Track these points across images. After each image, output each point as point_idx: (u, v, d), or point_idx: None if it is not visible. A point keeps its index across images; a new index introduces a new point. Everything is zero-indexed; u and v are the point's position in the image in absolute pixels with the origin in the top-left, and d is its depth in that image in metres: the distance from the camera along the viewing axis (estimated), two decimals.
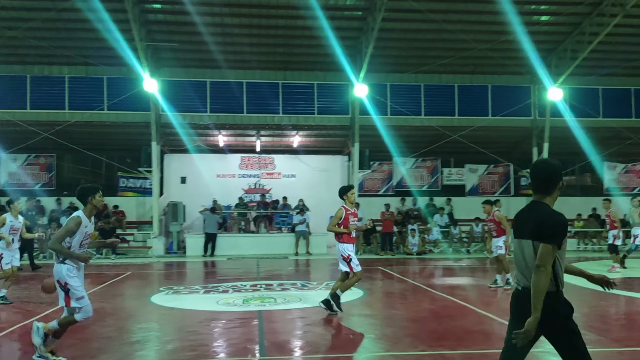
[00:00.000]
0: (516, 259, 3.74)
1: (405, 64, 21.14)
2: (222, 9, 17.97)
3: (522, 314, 3.53)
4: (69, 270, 5.81)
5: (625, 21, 17.91)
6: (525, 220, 3.67)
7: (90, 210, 6.06)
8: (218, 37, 19.37)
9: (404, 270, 15.23)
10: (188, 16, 18.23)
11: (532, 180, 3.73)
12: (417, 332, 7.45)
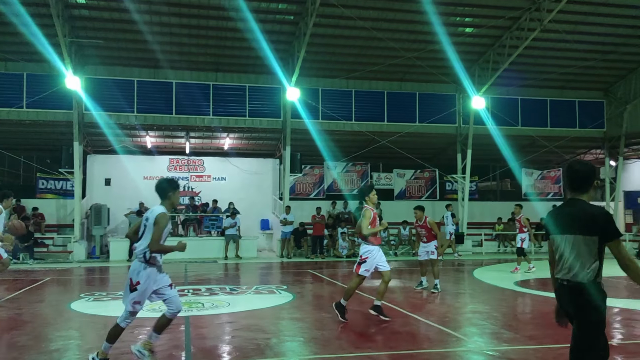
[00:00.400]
0: (557, 253, 3.94)
1: (337, 70, 21.43)
2: (151, 7, 17.52)
3: (571, 305, 3.84)
4: (152, 272, 5.63)
5: (543, 35, 19.00)
6: (569, 216, 3.88)
7: (169, 206, 5.81)
8: (147, 35, 18.85)
9: (334, 273, 15.38)
10: (115, 13, 17.65)
11: (571, 180, 4.02)
12: (346, 334, 7.54)
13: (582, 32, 19.66)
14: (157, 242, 5.53)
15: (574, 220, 3.82)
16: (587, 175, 3.97)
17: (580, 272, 3.75)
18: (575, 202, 3.94)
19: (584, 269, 3.75)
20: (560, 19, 18.21)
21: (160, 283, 5.74)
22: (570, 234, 3.83)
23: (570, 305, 3.82)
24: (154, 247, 5.53)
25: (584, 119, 23.82)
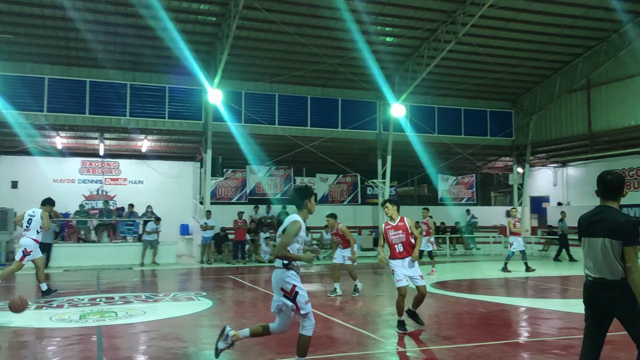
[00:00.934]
0: (588, 254, 4.39)
1: (261, 73, 21.33)
2: (64, 2, 16.63)
3: (595, 303, 4.31)
4: (294, 275, 5.57)
5: (458, 48, 19.85)
6: (599, 221, 4.32)
7: (305, 214, 5.69)
8: (60, 31, 17.94)
9: (255, 279, 15.26)
10: (27, 7, 16.64)
11: (603, 189, 4.47)
12: (266, 340, 7.47)
13: (493, 46, 20.73)
14: (284, 248, 5.47)
15: (603, 225, 4.29)
16: (617, 185, 4.40)
17: (611, 271, 4.20)
18: (605, 208, 4.41)
19: (613, 269, 4.19)
20: (473, 32, 19.11)
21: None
22: (600, 237, 4.29)
23: (608, 300, 4.24)
24: (280, 253, 5.50)
25: (495, 128, 25.13)
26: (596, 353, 4.41)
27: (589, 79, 22.26)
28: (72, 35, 18.19)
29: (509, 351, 6.81)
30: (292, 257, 5.51)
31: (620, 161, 22.68)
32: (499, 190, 32.53)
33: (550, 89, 23.77)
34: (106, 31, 18.20)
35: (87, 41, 18.51)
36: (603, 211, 4.39)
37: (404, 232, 8.07)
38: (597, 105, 22.08)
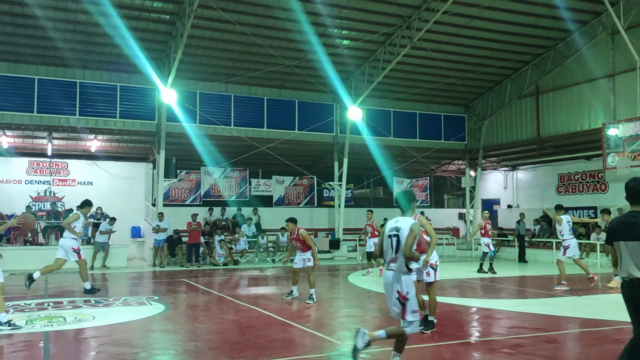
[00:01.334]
0: (625, 256, 4.74)
1: (216, 73, 21.09)
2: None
3: (637, 300, 4.70)
4: (412, 280, 5.72)
5: (413, 52, 20.16)
6: (631, 225, 4.73)
7: (410, 215, 6.01)
8: (7, 26, 17.28)
9: (210, 282, 15.05)
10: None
11: (628, 195, 4.90)
12: (220, 344, 7.38)
13: (447, 52, 21.15)
14: (410, 249, 5.65)
15: (634, 229, 4.69)
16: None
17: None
18: (637, 213, 4.79)
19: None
20: (428, 38, 19.47)
21: None
22: (632, 240, 4.68)
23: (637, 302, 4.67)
24: (410, 254, 5.66)
25: (448, 132, 25.65)
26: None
27: (537, 85, 23.02)
28: (20, 31, 17.52)
29: (461, 351, 6.94)
30: (416, 258, 5.82)
31: (566, 165, 23.54)
32: (452, 193, 33.24)
33: (501, 95, 24.45)
34: (55, 27, 17.59)
35: (35, 37, 17.88)
36: (634, 216, 4.80)
37: None
38: (545, 111, 22.84)
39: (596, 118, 20.38)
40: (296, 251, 11.36)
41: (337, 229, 23.11)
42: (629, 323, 5.00)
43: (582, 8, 19.29)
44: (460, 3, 17.88)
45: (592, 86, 20.76)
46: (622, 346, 7.13)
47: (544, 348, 7.07)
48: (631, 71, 18.61)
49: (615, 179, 20.67)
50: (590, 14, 19.86)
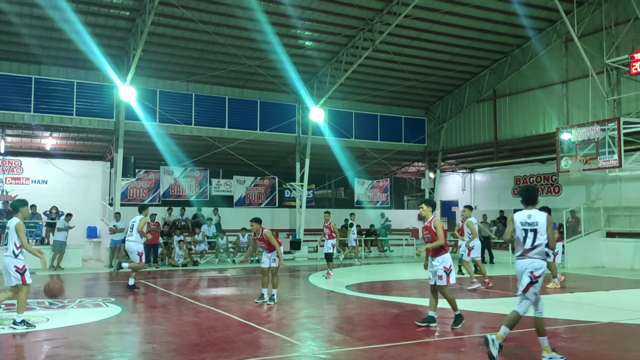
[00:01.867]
0: None
1: (177, 72, 20.80)
2: None
3: None
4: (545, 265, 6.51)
5: (375, 55, 20.37)
6: None
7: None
8: None
9: (168, 283, 14.82)
10: None
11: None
12: (179, 346, 7.28)
13: (408, 55, 21.46)
14: (553, 239, 6.61)
15: None
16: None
17: None
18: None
19: None
20: (389, 41, 19.70)
21: None
22: None
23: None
24: (552, 244, 6.52)
25: (409, 134, 26.01)
26: None
27: (495, 90, 23.59)
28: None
29: (420, 350, 7.05)
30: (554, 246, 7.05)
31: (522, 168, 24.20)
32: (412, 194, 33.71)
33: (460, 99, 24.95)
34: (9, 20, 17.02)
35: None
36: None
37: (429, 233, 8.44)
38: (502, 115, 23.43)
39: (550, 123, 21.03)
40: (262, 251, 11.21)
41: (298, 230, 23.12)
42: (580, 322, 5.18)
43: (538, 16, 19.88)
44: (421, 7, 18.17)
45: (547, 92, 21.42)
46: (574, 344, 7.39)
47: None
48: (584, 78, 19.30)
49: (568, 182, 21.39)
50: (546, 22, 20.49)
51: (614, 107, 18.62)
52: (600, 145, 16.59)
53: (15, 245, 8.13)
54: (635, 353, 7.10)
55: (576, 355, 6.85)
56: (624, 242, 18.77)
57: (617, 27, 18.53)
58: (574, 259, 18.66)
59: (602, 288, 13.51)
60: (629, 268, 18.07)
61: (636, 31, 17.90)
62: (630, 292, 13.09)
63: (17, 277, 8.10)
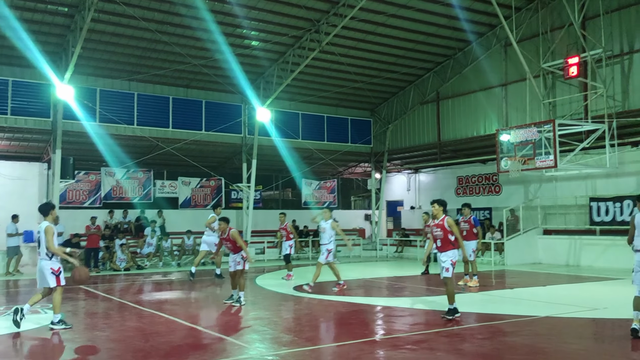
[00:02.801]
0: None
1: (118, 70, 20.20)
2: None
3: None
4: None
5: (321, 56, 20.45)
6: None
7: None
8: None
9: (110, 288, 14.36)
10: None
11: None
12: (122, 352, 7.07)
13: (354, 57, 21.66)
14: None
15: None
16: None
17: None
18: None
19: None
20: (336, 42, 19.83)
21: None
22: None
23: None
24: None
25: (355, 135, 26.26)
26: None
27: (438, 92, 24.15)
28: None
29: (367, 349, 7.12)
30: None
31: (464, 169, 24.88)
32: (359, 195, 34.08)
33: (405, 100, 25.41)
34: None
35: None
36: None
37: (442, 230, 9.17)
38: (445, 116, 24.02)
39: (491, 124, 21.72)
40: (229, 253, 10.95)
41: (246, 231, 22.90)
42: (519, 316, 5.35)
43: (479, 20, 20.50)
44: (367, 10, 18.38)
45: (487, 94, 22.12)
46: (515, 338, 7.64)
47: (444, 342, 7.41)
48: (522, 81, 20.03)
49: (507, 182, 22.16)
50: (486, 27, 21.16)
51: (550, 109, 19.43)
52: (537, 146, 17.25)
53: (47, 248, 8.45)
54: (571, 345, 7.41)
55: (517, 348, 7.09)
56: (560, 239, 19.63)
57: (553, 33, 19.35)
58: (514, 256, 19.35)
59: (539, 283, 14.05)
60: (564, 264, 18.90)
61: (570, 37, 18.75)
62: (565, 286, 13.69)
63: (53, 279, 8.44)
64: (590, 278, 14.93)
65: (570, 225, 19.92)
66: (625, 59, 17.82)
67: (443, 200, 9.62)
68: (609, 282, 14.11)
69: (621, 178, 18.76)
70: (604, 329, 8.80)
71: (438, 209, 9.32)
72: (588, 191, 19.65)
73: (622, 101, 17.76)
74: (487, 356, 6.70)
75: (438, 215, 9.30)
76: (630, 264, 7.97)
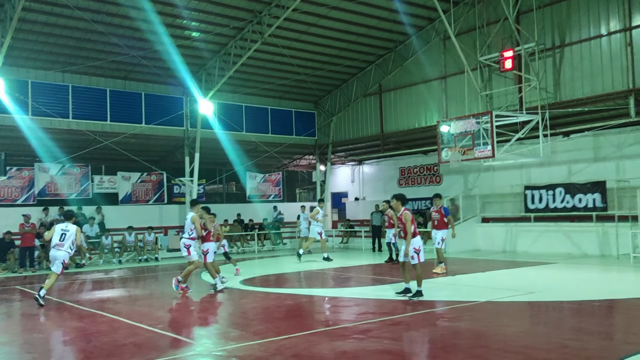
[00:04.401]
0: None
1: (51, 61, 19.35)
2: None
3: None
4: None
5: (264, 48, 20.29)
6: None
7: None
8: None
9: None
10: None
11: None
12: (63, 353, 6.83)
13: (297, 49, 21.62)
14: None
15: None
16: None
17: None
18: None
19: None
20: (278, 34, 19.71)
21: None
22: None
23: None
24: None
25: (299, 127, 26.27)
26: None
27: (380, 84, 24.48)
28: None
29: (316, 340, 7.17)
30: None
31: (406, 160, 25.38)
32: (304, 187, 34.16)
33: (348, 93, 25.62)
34: None
35: None
36: None
37: (401, 223, 10.04)
38: (388, 108, 24.39)
39: (432, 116, 22.23)
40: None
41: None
42: (461, 302, 5.54)
43: (419, 14, 20.89)
44: (308, 2, 18.37)
45: (428, 87, 22.60)
46: (458, 323, 7.90)
47: (390, 330, 7.57)
48: (460, 74, 20.57)
49: (448, 172, 22.78)
50: (426, 20, 21.59)
51: (487, 101, 20.07)
52: (475, 137, 17.78)
53: (72, 243, 11.13)
54: (510, 328, 7.74)
55: (460, 333, 7.33)
56: (497, 227, 20.40)
57: (489, 27, 19.96)
58: (454, 244, 19.92)
59: (479, 270, 14.57)
60: (502, 250, 19.67)
61: (505, 31, 19.39)
62: (503, 272, 14.26)
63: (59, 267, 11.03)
64: (525, 263, 15.60)
65: (507, 213, 20.72)
66: (556, 52, 18.62)
67: (400, 195, 10.28)
68: (543, 266, 14.80)
69: (553, 167, 19.67)
70: (539, 312, 9.23)
71: (396, 203, 10.10)
72: (523, 180, 20.48)
73: (554, 93, 18.57)
74: (432, 342, 6.90)
75: (398, 208, 10.06)
76: (561, 249, 8.38)
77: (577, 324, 7.81)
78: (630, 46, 16.77)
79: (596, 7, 17.65)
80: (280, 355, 6.37)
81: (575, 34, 18.14)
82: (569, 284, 11.78)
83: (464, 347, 6.59)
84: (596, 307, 9.18)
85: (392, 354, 6.30)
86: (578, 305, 9.25)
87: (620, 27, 17.02)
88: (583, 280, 12.51)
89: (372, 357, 6.22)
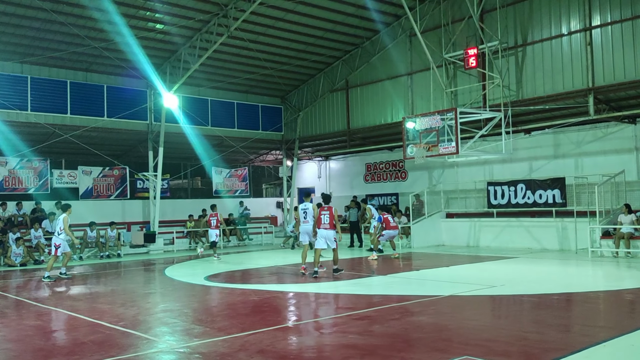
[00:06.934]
0: None
1: (9, 52, 18.73)
2: None
3: None
4: None
5: (230, 41, 20.06)
6: None
7: None
8: None
9: (5, 285, 13.38)
10: None
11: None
12: (21, 352, 6.62)
13: (263, 43, 21.46)
14: None
15: None
16: None
17: None
18: None
19: None
20: (245, 28, 19.53)
21: None
22: None
23: None
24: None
25: (266, 122, 26.12)
26: None
27: (347, 80, 24.52)
28: None
29: (280, 335, 7.15)
30: None
31: (372, 156, 25.54)
32: (270, 182, 34.01)
33: (315, 88, 25.58)
34: None
35: None
36: None
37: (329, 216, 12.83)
38: (354, 104, 24.47)
39: (398, 112, 22.40)
40: None
41: (153, 222, 22.17)
42: (424, 296, 5.59)
43: (385, 10, 20.98)
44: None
45: (394, 83, 22.75)
46: (421, 317, 7.98)
47: (356, 325, 7.60)
48: (426, 71, 20.77)
49: (413, 168, 23.02)
50: (392, 17, 21.71)
51: (452, 98, 20.34)
52: (440, 133, 18.00)
53: (59, 229, 13.45)
54: (472, 322, 7.86)
55: (423, 327, 7.41)
56: (461, 222, 20.74)
57: (454, 25, 20.21)
58: (419, 239, 20.22)
59: (443, 264, 14.77)
60: (465, 245, 20.01)
61: (470, 29, 19.68)
62: (466, 266, 14.49)
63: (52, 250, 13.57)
64: (488, 258, 15.91)
65: (470, 208, 21.09)
66: (519, 51, 18.99)
67: (325, 195, 13.32)
68: (504, 260, 15.11)
69: (515, 163, 20.10)
70: (500, 305, 9.42)
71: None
72: (486, 176, 20.87)
73: (517, 91, 18.94)
74: (396, 335, 6.95)
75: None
76: (522, 243, 8.56)
77: (536, 317, 7.99)
78: (590, 46, 17.22)
79: (557, 7, 18.06)
80: (244, 351, 6.32)
81: (537, 33, 18.52)
82: (529, 278, 12.06)
83: (427, 341, 6.67)
84: (555, 300, 9.42)
85: (357, 349, 6.32)
86: (538, 298, 9.47)
87: (581, 27, 17.46)
88: (543, 274, 12.82)
89: (337, 351, 6.23)
